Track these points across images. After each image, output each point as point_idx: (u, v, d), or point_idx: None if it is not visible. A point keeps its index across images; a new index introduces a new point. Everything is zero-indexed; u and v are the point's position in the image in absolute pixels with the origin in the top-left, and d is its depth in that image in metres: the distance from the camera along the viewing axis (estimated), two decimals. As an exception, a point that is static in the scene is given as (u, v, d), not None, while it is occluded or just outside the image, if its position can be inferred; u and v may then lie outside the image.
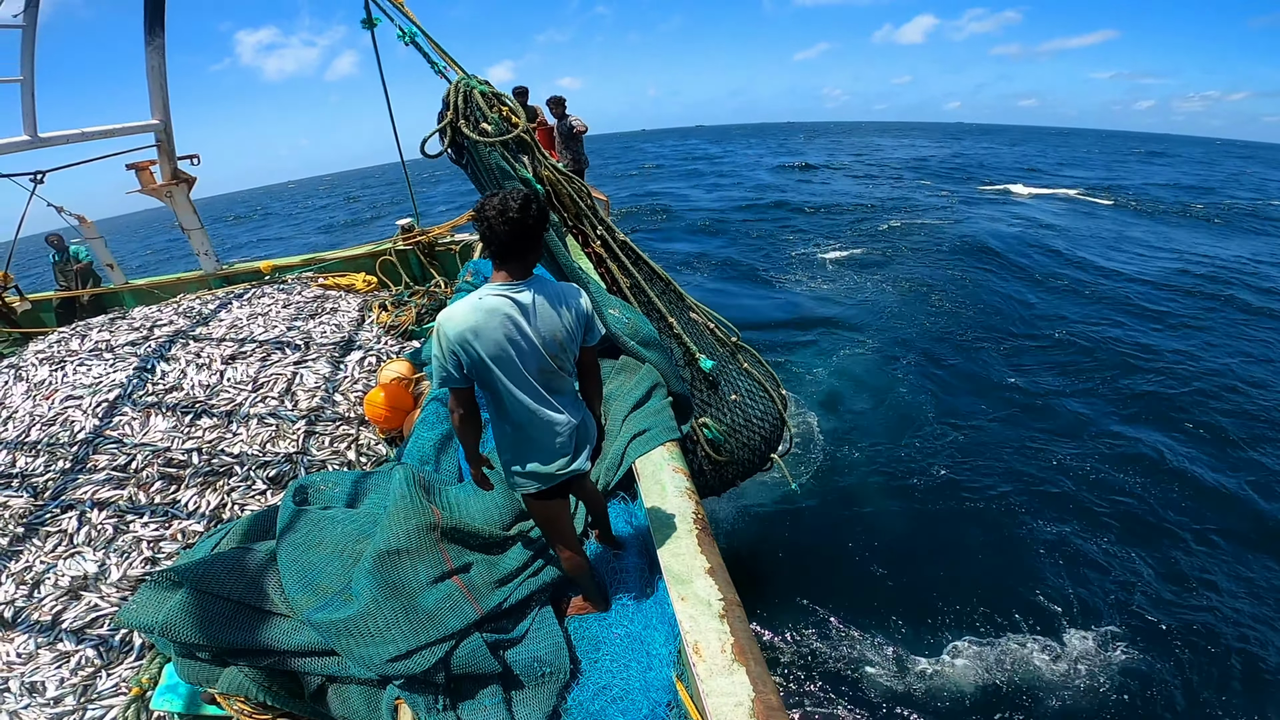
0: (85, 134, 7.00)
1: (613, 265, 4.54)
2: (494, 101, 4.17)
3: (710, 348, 4.62)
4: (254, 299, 6.49)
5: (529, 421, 2.32)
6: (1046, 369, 10.66)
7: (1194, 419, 8.98)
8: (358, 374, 5.27)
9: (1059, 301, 14.13)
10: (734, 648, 2.18)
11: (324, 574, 2.74)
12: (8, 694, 3.00)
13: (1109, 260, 17.58)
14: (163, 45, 7.30)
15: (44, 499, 3.89)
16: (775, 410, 4.71)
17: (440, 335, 2.19)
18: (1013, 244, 18.84)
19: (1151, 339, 11.96)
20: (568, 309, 2.30)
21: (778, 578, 6.00)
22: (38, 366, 5.03)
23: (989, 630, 5.43)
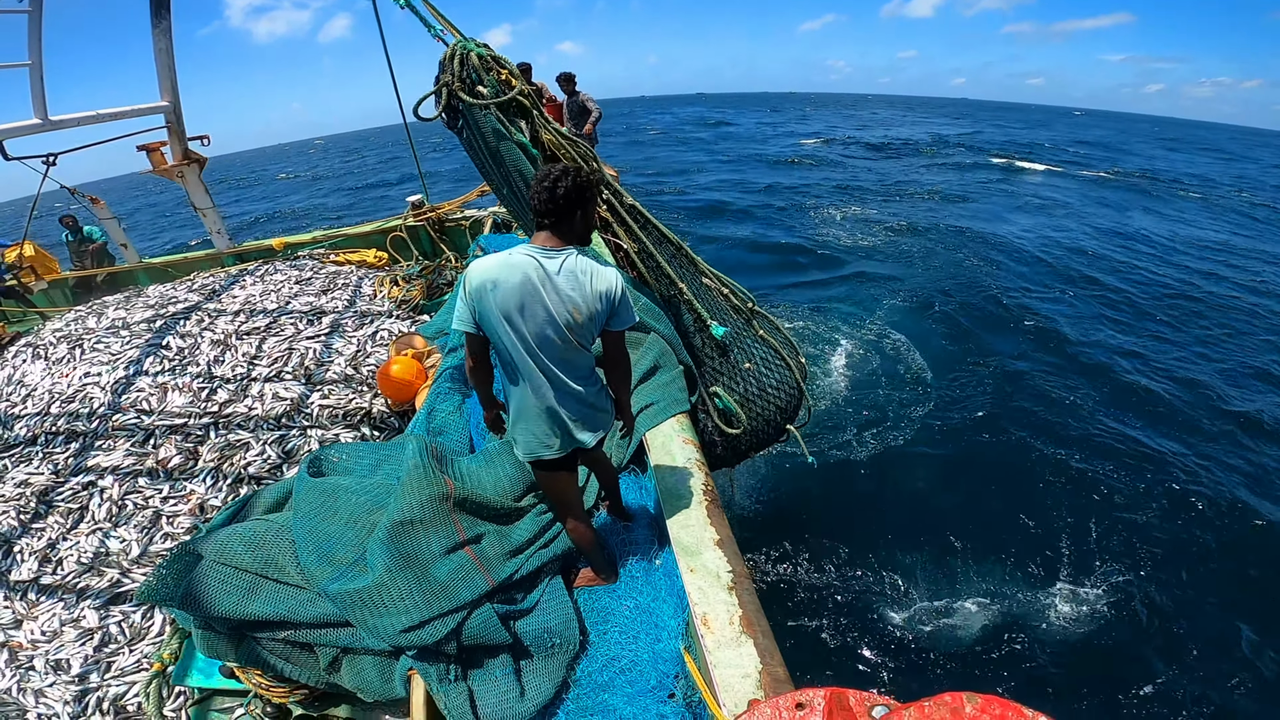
0: (96, 116, 7.01)
1: (619, 230, 4.41)
2: (491, 64, 4.04)
3: (723, 314, 4.49)
4: (267, 275, 6.51)
5: (534, 388, 2.33)
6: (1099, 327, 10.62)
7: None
8: (370, 348, 5.29)
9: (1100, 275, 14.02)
10: (742, 620, 2.19)
11: (339, 544, 2.77)
12: (33, 671, 3.07)
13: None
14: (169, 27, 7.28)
15: (64, 475, 3.96)
16: (792, 380, 4.55)
17: (465, 278, 2.23)
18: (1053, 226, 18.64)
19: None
20: (595, 287, 2.25)
21: (787, 546, 6.01)
22: (55, 344, 5.08)
23: (1002, 606, 5.42)
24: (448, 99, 4.06)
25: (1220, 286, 13.51)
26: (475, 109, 4.01)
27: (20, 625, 3.27)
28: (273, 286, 6.21)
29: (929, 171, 29.76)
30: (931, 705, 1.23)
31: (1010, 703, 1.19)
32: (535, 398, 2.35)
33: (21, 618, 3.29)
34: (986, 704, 1.20)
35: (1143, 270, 14.47)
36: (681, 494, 2.85)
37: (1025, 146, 42.73)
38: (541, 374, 2.30)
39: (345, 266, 7.15)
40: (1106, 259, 15.21)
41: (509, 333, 2.23)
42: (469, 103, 3.99)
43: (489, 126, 4.06)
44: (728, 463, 4.63)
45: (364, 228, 8.24)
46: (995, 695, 1.20)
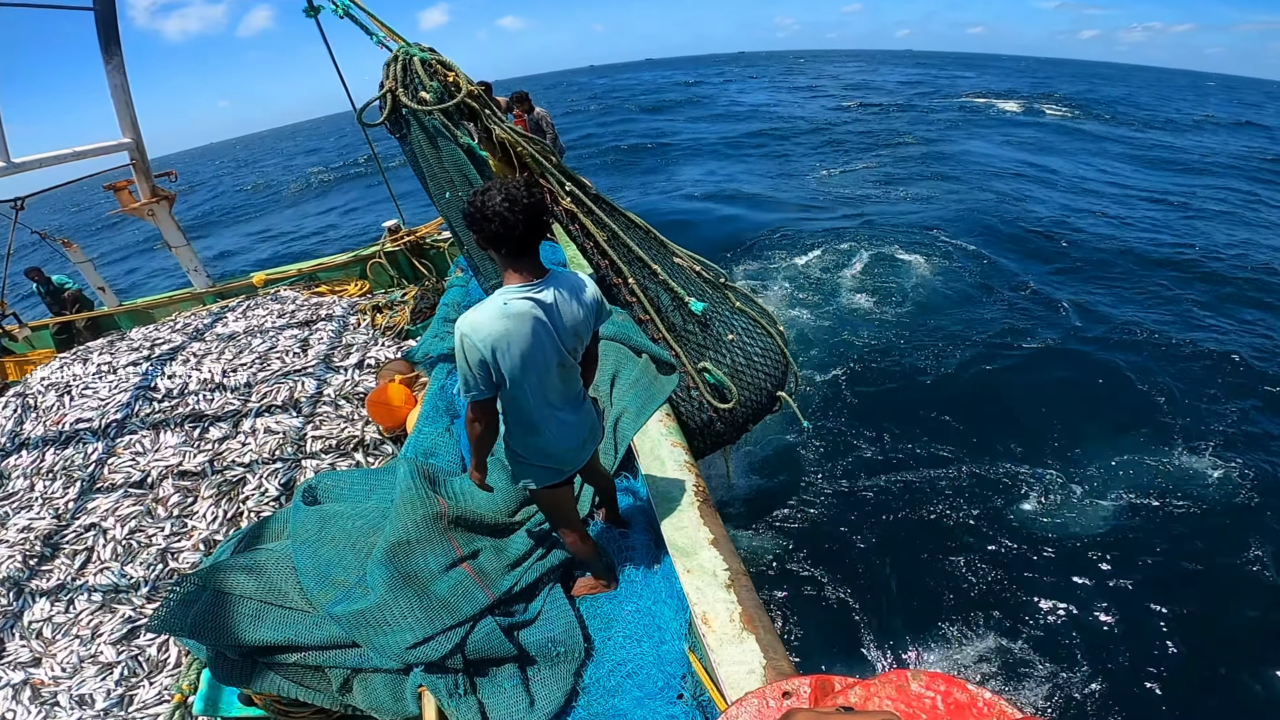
0: (59, 157, 6.93)
1: (586, 220, 4.34)
2: (437, 69, 3.98)
3: (699, 290, 4.48)
4: (249, 311, 6.54)
5: (548, 420, 2.31)
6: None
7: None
8: (358, 376, 5.33)
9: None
10: (742, 617, 2.24)
11: (339, 568, 2.81)
12: (59, 708, 3.12)
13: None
14: (122, 63, 7.16)
15: (65, 519, 4.00)
16: (776, 346, 4.52)
17: (466, 346, 2.07)
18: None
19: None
20: (582, 300, 2.24)
21: (783, 540, 6.06)
22: (44, 393, 5.09)
23: (1003, 595, 5.46)
24: (392, 106, 4.00)
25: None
26: (420, 114, 3.94)
27: (39, 663, 3.32)
28: (256, 322, 6.25)
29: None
30: (877, 683, 1.30)
31: (954, 678, 1.26)
32: (555, 434, 2.35)
33: (40, 655, 3.34)
34: (931, 680, 1.27)
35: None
36: (673, 496, 2.90)
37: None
38: (557, 409, 2.32)
39: (327, 297, 7.18)
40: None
41: (528, 379, 2.17)
42: (412, 108, 3.92)
43: (433, 129, 3.99)
44: (728, 439, 4.57)
45: (342, 258, 8.26)
46: (939, 672, 1.27)
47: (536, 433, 2.34)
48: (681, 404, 4.28)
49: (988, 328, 9.92)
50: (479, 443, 2.38)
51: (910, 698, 1.26)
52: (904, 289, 11.39)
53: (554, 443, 2.38)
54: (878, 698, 1.28)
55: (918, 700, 1.25)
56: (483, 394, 2.16)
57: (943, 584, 5.54)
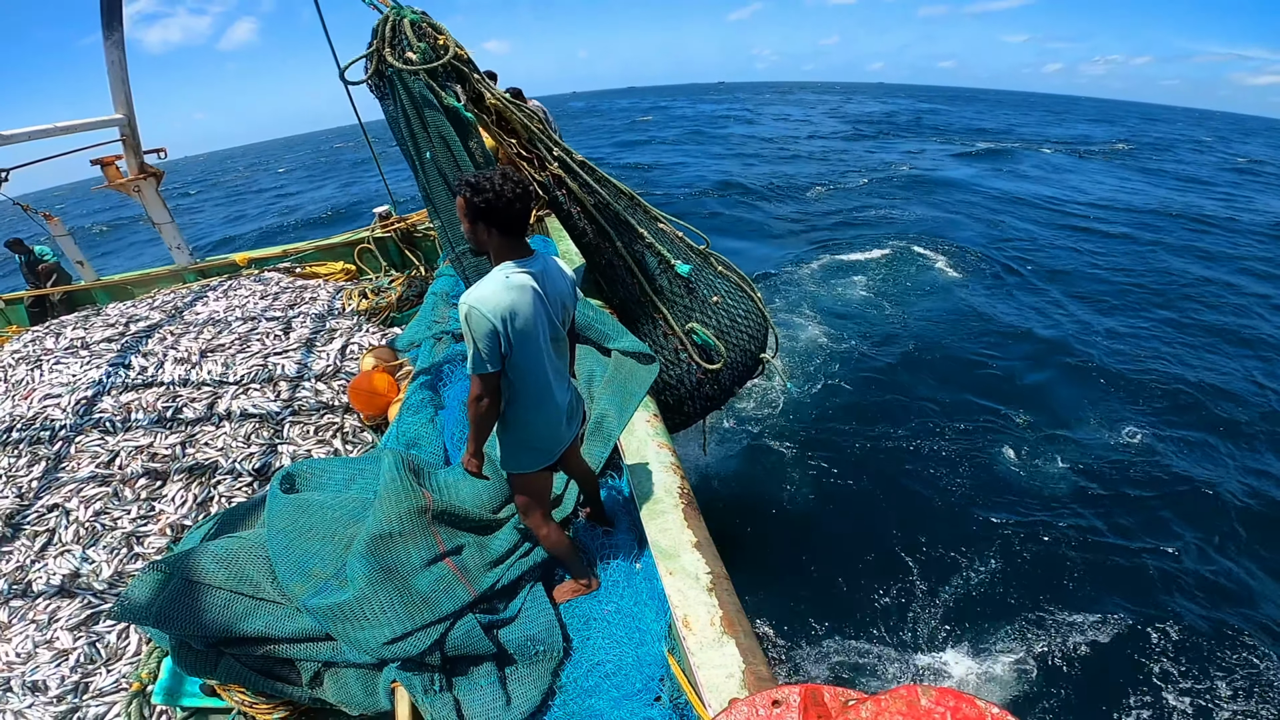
0: (47, 130, 6.82)
1: (573, 184, 4.39)
2: (426, 30, 3.95)
3: (683, 254, 4.60)
4: (231, 291, 6.41)
5: (544, 396, 2.39)
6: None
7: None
8: (340, 362, 5.24)
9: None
10: (723, 620, 2.22)
11: (316, 560, 2.76)
12: (10, 694, 3.01)
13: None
14: (122, 39, 7.13)
15: (29, 499, 3.87)
16: (757, 308, 4.68)
17: (474, 318, 2.12)
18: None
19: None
20: (564, 275, 2.43)
21: (765, 540, 6.09)
22: (14, 366, 4.96)
23: (987, 603, 5.53)
24: (377, 65, 3.96)
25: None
26: (405, 75, 3.89)
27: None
28: (238, 302, 6.12)
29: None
30: (888, 698, 1.29)
31: (964, 695, 1.25)
32: (551, 409, 2.43)
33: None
34: (941, 696, 1.26)
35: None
36: (658, 498, 2.88)
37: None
38: (555, 383, 2.41)
39: (313, 280, 7.06)
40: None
41: (531, 352, 2.26)
42: (397, 68, 3.86)
43: (418, 92, 3.95)
44: (717, 403, 4.71)
45: (330, 240, 8.13)
46: (949, 688, 1.26)
47: (536, 407, 2.40)
48: (670, 368, 4.42)
49: (971, 338, 10.08)
50: (481, 422, 2.35)
51: (920, 713, 1.25)
52: (893, 291, 11.75)
53: (551, 416, 2.44)
54: (888, 713, 1.27)
55: (928, 716, 1.25)
56: (494, 366, 2.22)
57: (926, 592, 5.59)
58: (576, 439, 2.68)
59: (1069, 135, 45.18)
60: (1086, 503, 6.58)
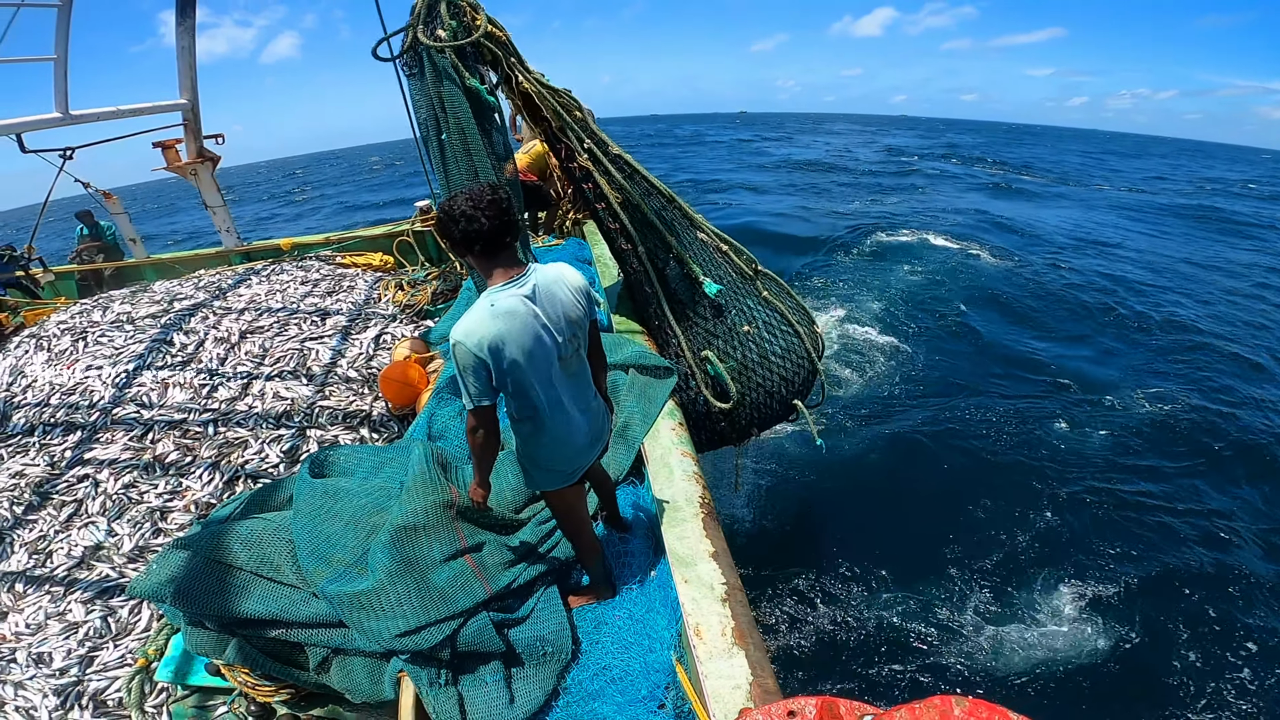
0: (115, 112, 7.08)
1: (601, 179, 4.14)
2: (464, 8, 3.84)
3: (719, 271, 4.18)
4: (273, 275, 6.54)
5: (555, 417, 2.28)
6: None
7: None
8: (372, 351, 5.30)
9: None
10: (734, 631, 2.18)
11: (338, 546, 2.76)
12: (14, 664, 3.04)
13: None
14: (193, 26, 7.37)
15: (60, 468, 3.97)
16: (801, 349, 4.17)
17: (460, 353, 2.05)
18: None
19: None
20: (569, 286, 2.23)
21: (784, 557, 6.00)
22: (59, 336, 5.10)
23: (1003, 618, 5.43)
24: (409, 42, 3.91)
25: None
26: (433, 52, 3.82)
27: (5, 618, 3.25)
28: (279, 287, 6.24)
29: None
30: (921, 707, 1.24)
31: (997, 707, 1.19)
32: (564, 431, 2.32)
33: (7, 610, 3.28)
34: (974, 707, 1.20)
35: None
36: (678, 506, 2.85)
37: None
38: (571, 405, 2.29)
39: (352, 269, 7.17)
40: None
41: (530, 377, 2.14)
42: (426, 44, 3.79)
43: (442, 70, 3.87)
44: (730, 440, 4.34)
45: (372, 231, 8.28)
46: (982, 700, 1.20)
47: (545, 432, 2.30)
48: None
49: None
50: (480, 454, 2.33)
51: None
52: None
53: (563, 443, 2.35)
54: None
55: None
56: (485, 400, 2.13)
57: (942, 611, 5.45)
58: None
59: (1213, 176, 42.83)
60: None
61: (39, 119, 6.50)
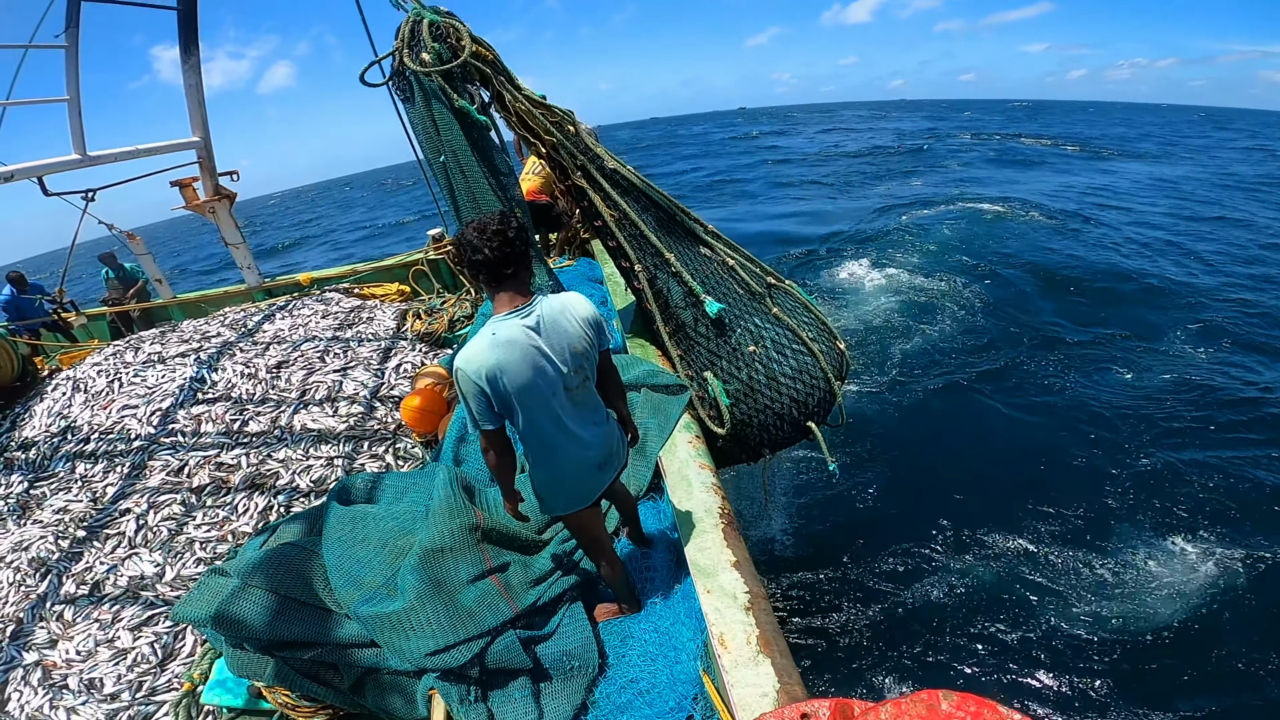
0: (131, 152, 7.24)
1: (595, 195, 4.08)
2: (446, 31, 3.82)
3: (723, 288, 4.05)
4: (295, 310, 6.69)
5: (560, 446, 2.30)
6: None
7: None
8: (394, 380, 5.42)
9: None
10: (759, 639, 2.22)
11: (368, 569, 2.86)
12: (66, 690, 3.15)
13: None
14: (198, 64, 7.48)
15: (102, 503, 4.11)
16: (816, 369, 3.97)
17: (461, 380, 2.10)
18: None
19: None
20: (575, 317, 2.23)
21: (807, 564, 5.99)
22: (95, 378, 5.27)
23: (1031, 623, 5.36)
24: (396, 67, 3.93)
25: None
26: (420, 76, 3.83)
27: (55, 645, 3.37)
28: (301, 321, 6.39)
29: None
30: (908, 702, 1.28)
31: (985, 700, 1.23)
32: (572, 459, 2.34)
33: (57, 638, 3.40)
34: (962, 701, 1.24)
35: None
36: (698, 518, 2.90)
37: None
38: (570, 432, 2.30)
39: (369, 300, 7.32)
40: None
41: (531, 406, 2.17)
42: (412, 69, 3.81)
43: (430, 93, 3.89)
44: (739, 459, 4.20)
45: (387, 262, 8.44)
46: (971, 693, 1.24)
47: (554, 459, 2.33)
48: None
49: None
50: (497, 472, 2.38)
51: (940, 717, 1.24)
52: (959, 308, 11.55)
53: (572, 468, 2.37)
54: (908, 716, 1.26)
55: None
56: (488, 425, 2.17)
57: (969, 621, 5.41)
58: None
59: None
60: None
61: (58, 161, 6.58)
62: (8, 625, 3.52)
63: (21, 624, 3.51)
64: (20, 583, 3.70)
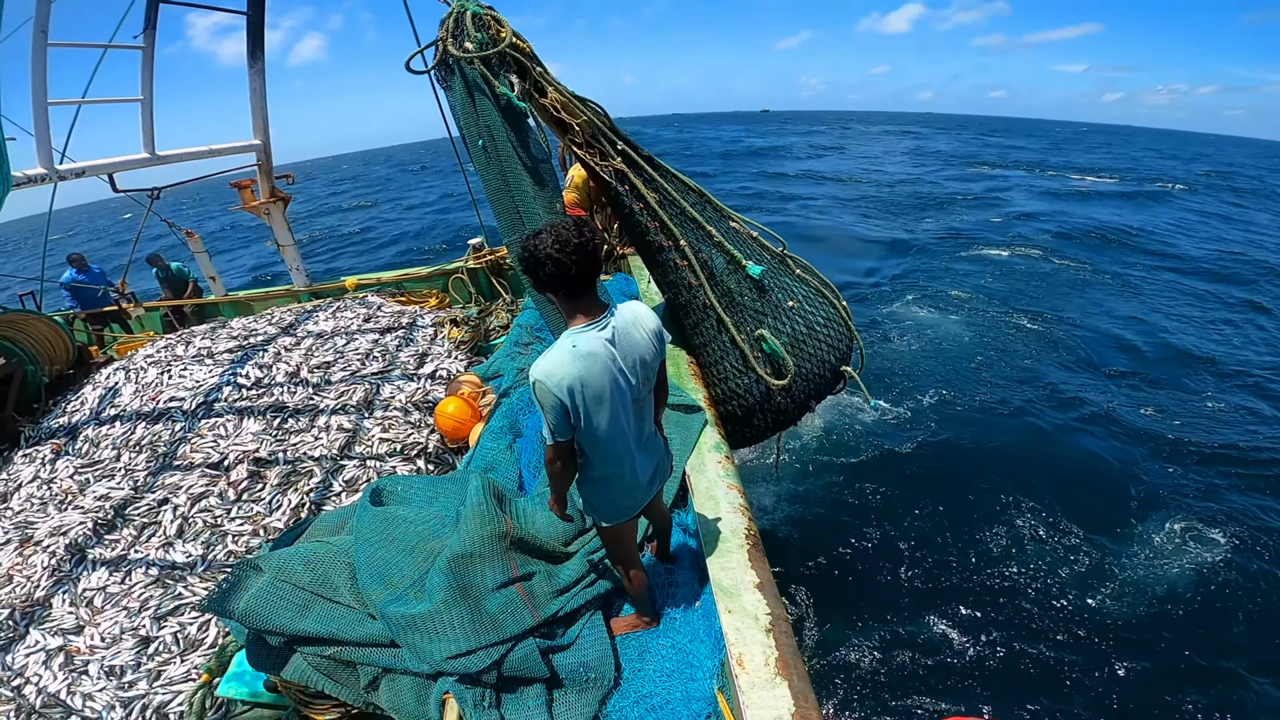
0: (198, 152, 7.55)
1: (637, 180, 4.25)
2: (488, 22, 4.01)
3: (756, 255, 4.35)
4: (338, 313, 6.86)
5: (621, 458, 2.31)
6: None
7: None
8: (429, 386, 5.51)
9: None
10: (778, 662, 2.19)
11: (396, 569, 2.90)
12: (85, 677, 3.21)
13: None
14: (263, 68, 7.73)
15: (142, 492, 4.25)
16: (839, 316, 4.31)
17: (541, 392, 2.07)
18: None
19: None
20: (645, 329, 2.24)
21: (827, 586, 5.88)
22: (146, 369, 5.47)
23: (1054, 649, 5.22)
24: (440, 55, 4.09)
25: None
26: (462, 63, 3.99)
27: (81, 631, 3.45)
28: (343, 324, 6.55)
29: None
30: None
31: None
32: (632, 470, 2.36)
33: (84, 624, 3.48)
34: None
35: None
36: (724, 538, 2.87)
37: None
38: (633, 444, 2.32)
39: (410, 307, 7.47)
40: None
41: (604, 419, 2.17)
42: (455, 55, 3.97)
43: (471, 81, 4.03)
44: (790, 418, 4.37)
45: (427, 270, 8.61)
46: (985, 716, 1.22)
47: (613, 471, 2.35)
48: (739, 376, 4.17)
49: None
50: (557, 481, 2.39)
51: None
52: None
53: (628, 480, 2.39)
54: None
55: None
56: (564, 436, 2.18)
57: (998, 646, 5.27)
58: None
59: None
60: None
61: (129, 159, 6.84)
62: (36, 610, 3.61)
63: (51, 608, 3.60)
64: (55, 568, 3.81)
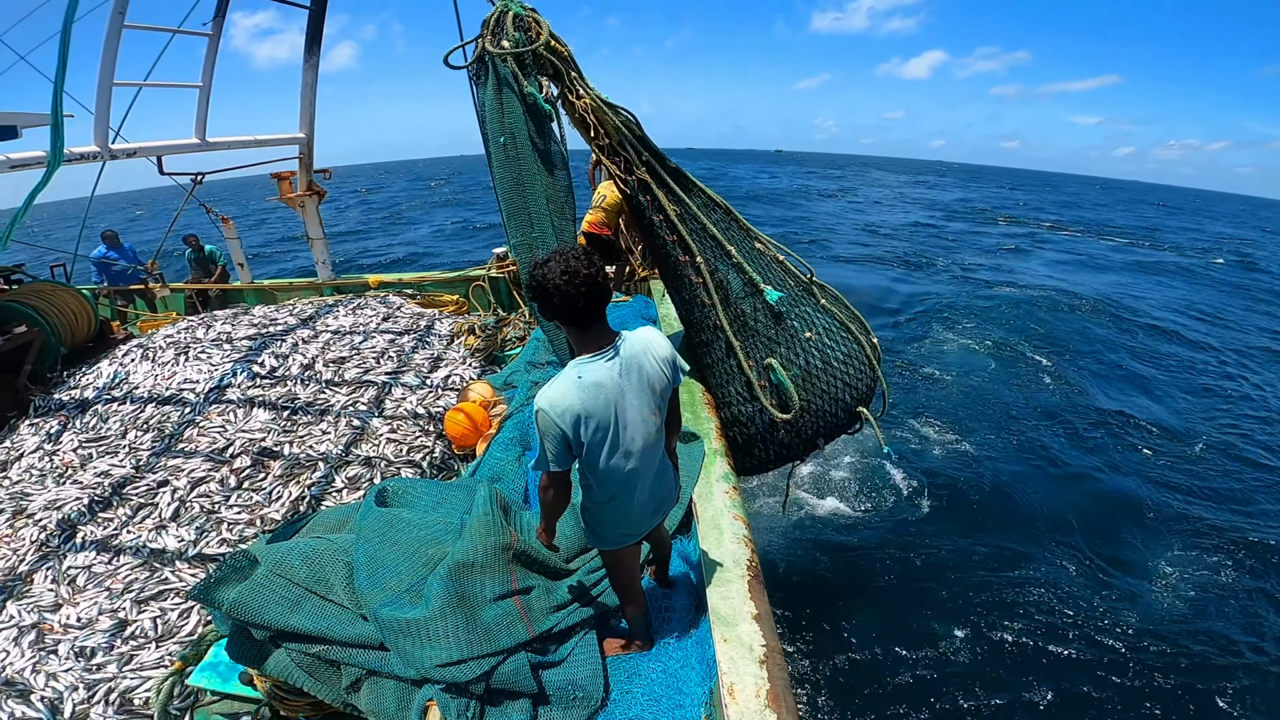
0: (245, 141, 7.72)
1: (659, 191, 4.20)
2: (528, 23, 4.04)
3: (778, 280, 4.21)
4: (358, 309, 6.91)
5: (626, 487, 2.29)
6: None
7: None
8: (441, 391, 5.51)
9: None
10: (769, 694, 2.15)
11: (394, 572, 2.86)
12: (54, 656, 3.10)
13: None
14: (318, 64, 7.95)
15: (143, 471, 4.24)
16: (862, 355, 4.14)
17: (544, 422, 2.04)
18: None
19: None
20: (657, 357, 2.20)
21: (822, 618, 5.79)
22: (164, 349, 5.52)
23: (1054, 685, 5.18)
24: (479, 52, 4.12)
25: None
26: (495, 59, 4.01)
27: (58, 609, 3.36)
28: (362, 320, 6.59)
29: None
30: None
31: None
32: (635, 499, 2.33)
33: (63, 602, 3.40)
34: None
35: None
36: (726, 567, 2.83)
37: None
38: (641, 473, 2.28)
39: (429, 310, 7.52)
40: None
41: (608, 450, 2.15)
42: (491, 53, 3.99)
43: (503, 78, 4.05)
44: (794, 454, 4.25)
45: (450, 274, 8.67)
46: None
47: (617, 499, 2.32)
48: (742, 404, 4.07)
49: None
50: (548, 510, 2.37)
51: None
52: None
53: (634, 509, 2.36)
54: None
55: None
56: (559, 466, 2.14)
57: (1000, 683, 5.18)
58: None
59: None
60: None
61: (179, 143, 7.02)
62: (17, 584, 3.52)
63: (32, 583, 3.52)
64: (44, 542, 3.73)
